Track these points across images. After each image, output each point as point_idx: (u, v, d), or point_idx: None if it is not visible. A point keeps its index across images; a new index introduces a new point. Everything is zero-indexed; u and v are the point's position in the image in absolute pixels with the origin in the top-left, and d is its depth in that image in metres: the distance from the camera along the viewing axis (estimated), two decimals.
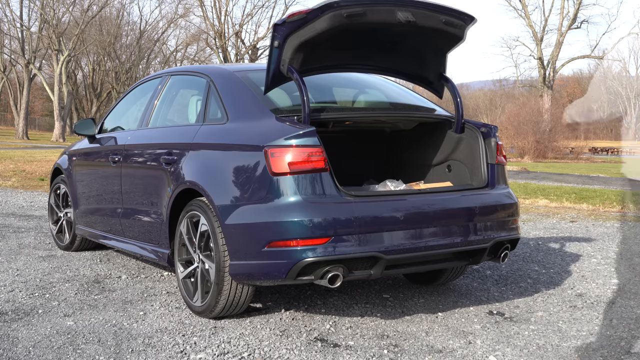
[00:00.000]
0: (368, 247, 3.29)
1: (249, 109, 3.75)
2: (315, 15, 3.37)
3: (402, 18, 3.49)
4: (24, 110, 40.63)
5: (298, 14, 3.36)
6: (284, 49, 3.47)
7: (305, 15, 3.36)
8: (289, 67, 3.51)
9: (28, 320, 3.67)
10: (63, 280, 4.58)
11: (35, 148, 25.82)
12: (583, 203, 9.81)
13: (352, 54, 3.89)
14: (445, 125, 4.11)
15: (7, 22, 40.32)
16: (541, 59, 39.86)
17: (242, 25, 43.90)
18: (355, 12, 3.42)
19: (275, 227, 3.28)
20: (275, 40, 3.44)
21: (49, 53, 41.17)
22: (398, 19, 3.50)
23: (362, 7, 3.43)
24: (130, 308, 3.92)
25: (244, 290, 3.60)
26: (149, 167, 4.39)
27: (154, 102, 4.73)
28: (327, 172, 3.32)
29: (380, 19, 3.50)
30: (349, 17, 3.42)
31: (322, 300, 4.13)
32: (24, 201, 9.09)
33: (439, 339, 3.43)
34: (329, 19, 3.40)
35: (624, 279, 4.86)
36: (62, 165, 5.79)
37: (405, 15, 3.48)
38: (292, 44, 3.46)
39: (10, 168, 13.55)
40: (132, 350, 3.21)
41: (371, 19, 3.49)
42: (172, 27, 48.49)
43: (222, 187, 3.57)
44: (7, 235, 6.32)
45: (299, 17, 3.36)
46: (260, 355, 3.16)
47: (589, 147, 38.50)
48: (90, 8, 40.07)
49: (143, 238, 4.46)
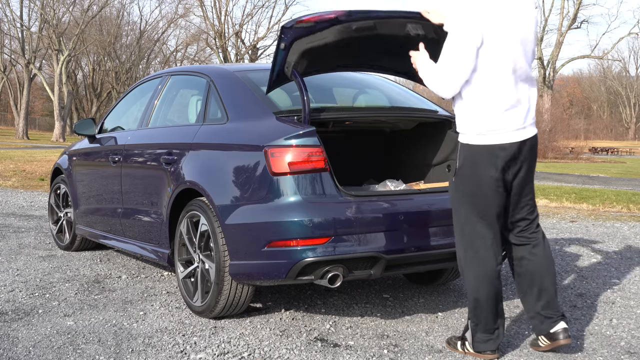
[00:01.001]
0: (368, 247, 3.30)
1: (249, 109, 3.75)
2: (324, 27, 3.35)
3: (412, 31, 3.47)
4: (24, 110, 40.64)
5: (307, 21, 3.31)
6: (290, 52, 3.44)
7: (313, 23, 3.33)
8: (293, 70, 3.50)
9: (28, 320, 3.67)
10: (63, 280, 4.58)
11: (35, 148, 25.83)
12: (583, 203, 9.81)
13: (359, 58, 3.88)
14: (445, 125, 4.11)
15: (7, 22, 40.34)
16: (541, 59, 39.86)
17: (242, 25, 43.92)
18: (365, 26, 3.41)
19: (275, 227, 3.28)
20: (282, 42, 3.40)
21: (49, 53, 41.19)
22: (407, 31, 3.48)
23: (372, 21, 3.41)
24: (130, 308, 3.93)
25: (244, 290, 3.60)
26: (149, 167, 4.39)
27: (154, 102, 4.73)
28: (327, 172, 3.32)
29: (389, 31, 3.49)
30: (358, 30, 3.41)
31: (322, 300, 4.13)
32: (24, 201, 9.09)
33: (439, 339, 3.43)
34: (337, 32, 3.39)
35: (624, 279, 4.87)
36: (62, 165, 5.79)
37: (415, 27, 3.45)
38: (298, 48, 3.43)
39: (11, 168, 13.56)
40: (132, 350, 3.21)
41: (380, 32, 3.48)
42: (172, 27, 48.55)
43: (222, 187, 3.57)
44: (7, 235, 6.32)
45: (307, 25, 3.33)
46: (260, 355, 3.16)
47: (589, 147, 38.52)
48: (90, 8, 40.10)
49: (143, 238, 4.46)
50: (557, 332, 3.09)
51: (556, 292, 3.18)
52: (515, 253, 3.21)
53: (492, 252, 3.05)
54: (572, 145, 32.43)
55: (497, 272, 3.07)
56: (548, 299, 3.13)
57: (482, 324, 3.08)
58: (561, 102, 59.97)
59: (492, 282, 3.05)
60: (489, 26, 2.89)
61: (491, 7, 2.91)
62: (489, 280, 3.04)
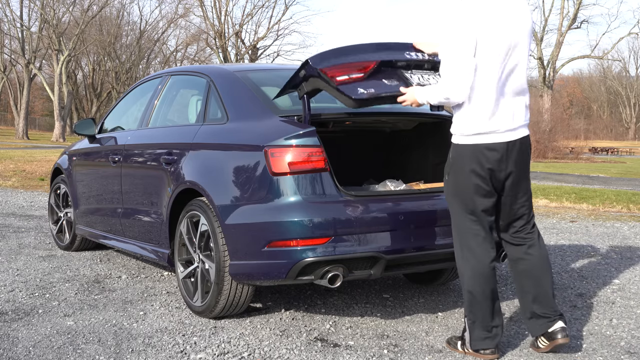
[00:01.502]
0: (368, 247, 3.30)
1: (249, 109, 3.76)
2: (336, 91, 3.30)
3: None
4: (24, 110, 40.64)
5: (326, 74, 3.26)
6: (307, 83, 3.40)
7: (328, 80, 3.28)
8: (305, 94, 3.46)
9: (28, 320, 3.67)
10: (63, 280, 4.58)
11: (35, 148, 25.83)
12: (583, 203, 9.81)
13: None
14: (445, 125, 4.11)
15: (7, 22, 40.33)
16: (541, 59, 39.86)
17: (242, 25, 43.94)
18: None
19: (275, 227, 3.28)
20: (302, 70, 3.35)
21: (49, 53, 41.19)
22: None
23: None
24: (130, 308, 3.93)
25: (244, 290, 3.60)
26: (149, 167, 4.39)
27: (154, 102, 4.73)
28: (327, 172, 3.32)
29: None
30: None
31: (322, 300, 4.13)
32: (24, 201, 9.09)
33: (439, 339, 3.43)
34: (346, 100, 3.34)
35: (624, 279, 4.86)
36: (62, 165, 5.79)
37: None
38: (312, 84, 3.39)
39: (11, 168, 13.56)
40: (132, 350, 3.21)
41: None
42: (172, 27, 48.55)
43: (222, 187, 3.57)
44: (7, 235, 6.32)
45: (324, 76, 3.28)
46: (260, 355, 3.16)
47: (589, 147, 38.52)
48: (90, 8, 40.11)
49: (143, 238, 4.46)
50: (555, 332, 3.10)
51: (553, 292, 3.19)
52: (511, 254, 3.23)
53: (484, 248, 3.08)
54: (572, 145, 32.42)
55: (492, 268, 3.08)
56: (545, 298, 3.14)
57: (478, 321, 3.09)
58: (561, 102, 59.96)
59: (486, 278, 3.06)
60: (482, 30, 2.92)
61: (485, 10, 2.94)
62: (483, 276, 3.06)
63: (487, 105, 2.98)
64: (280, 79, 4.29)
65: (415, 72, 3.45)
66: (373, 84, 3.31)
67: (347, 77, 3.28)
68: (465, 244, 3.11)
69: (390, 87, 3.32)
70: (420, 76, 3.44)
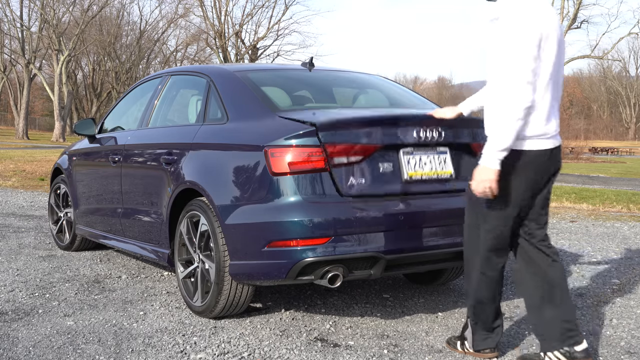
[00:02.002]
0: (368, 247, 3.29)
1: (249, 109, 3.75)
2: None
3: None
4: (24, 110, 40.65)
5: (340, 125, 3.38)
6: None
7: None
8: None
9: (28, 320, 3.67)
10: (63, 280, 4.58)
11: (35, 148, 25.84)
12: (583, 203, 9.81)
13: None
14: None
15: (7, 22, 40.35)
16: None
17: (242, 25, 43.91)
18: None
19: (275, 227, 3.28)
20: None
21: (49, 53, 41.20)
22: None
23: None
24: (130, 308, 3.93)
25: (244, 290, 3.60)
26: (149, 167, 4.39)
27: (154, 102, 4.73)
28: (327, 172, 3.32)
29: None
30: None
31: (322, 300, 4.13)
32: (24, 201, 9.09)
33: (439, 339, 3.43)
34: None
35: (624, 279, 4.87)
36: (62, 165, 5.79)
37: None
38: None
39: (11, 168, 13.56)
40: (132, 350, 3.21)
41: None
42: (172, 27, 48.55)
43: (222, 187, 3.57)
44: (7, 235, 6.32)
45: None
46: (260, 355, 3.16)
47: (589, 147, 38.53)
48: (90, 8, 40.11)
49: (143, 238, 4.46)
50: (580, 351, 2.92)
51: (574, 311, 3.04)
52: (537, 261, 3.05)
53: (504, 254, 3.04)
54: (572, 145, 32.45)
55: (502, 272, 3.08)
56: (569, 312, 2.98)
57: (481, 323, 3.09)
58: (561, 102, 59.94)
59: (498, 282, 3.06)
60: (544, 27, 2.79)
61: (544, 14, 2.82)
62: (495, 283, 3.05)
63: (544, 108, 2.86)
64: (280, 79, 4.30)
65: (416, 153, 3.50)
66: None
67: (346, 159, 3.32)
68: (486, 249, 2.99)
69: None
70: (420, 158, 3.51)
